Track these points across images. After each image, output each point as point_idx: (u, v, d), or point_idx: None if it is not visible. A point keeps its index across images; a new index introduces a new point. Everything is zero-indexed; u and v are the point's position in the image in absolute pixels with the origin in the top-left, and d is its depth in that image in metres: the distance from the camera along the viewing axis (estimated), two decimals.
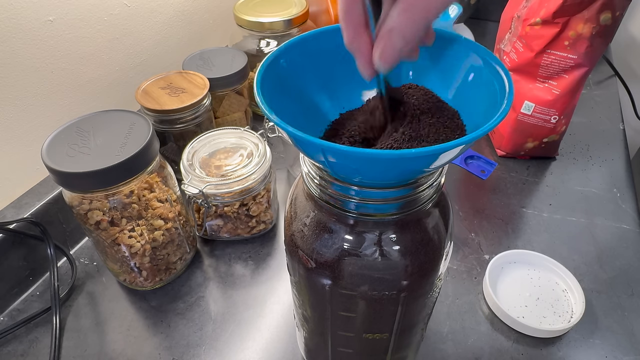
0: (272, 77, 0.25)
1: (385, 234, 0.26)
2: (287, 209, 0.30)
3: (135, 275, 0.46)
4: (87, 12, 0.53)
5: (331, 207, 0.26)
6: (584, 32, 0.52)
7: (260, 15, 0.66)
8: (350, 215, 0.25)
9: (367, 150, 0.19)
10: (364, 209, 0.25)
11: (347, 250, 0.27)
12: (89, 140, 0.39)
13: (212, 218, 0.50)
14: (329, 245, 0.27)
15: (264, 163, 0.48)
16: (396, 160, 0.19)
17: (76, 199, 0.40)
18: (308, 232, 0.28)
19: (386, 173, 0.22)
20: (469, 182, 0.61)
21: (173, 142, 0.57)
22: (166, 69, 0.68)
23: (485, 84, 0.24)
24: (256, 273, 0.50)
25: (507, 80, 0.23)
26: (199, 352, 0.43)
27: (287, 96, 0.26)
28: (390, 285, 0.27)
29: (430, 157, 0.20)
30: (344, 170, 0.23)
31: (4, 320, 0.46)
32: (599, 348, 0.42)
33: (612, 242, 0.52)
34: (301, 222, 0.28)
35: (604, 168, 0.62)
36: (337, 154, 0.20)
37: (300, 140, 0.20)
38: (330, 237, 0.27)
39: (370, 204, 0.24)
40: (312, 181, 0.26)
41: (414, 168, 0.22)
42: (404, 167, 0.21)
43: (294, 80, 0.27)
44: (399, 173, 0.22)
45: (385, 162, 0.20)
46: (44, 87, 0.51)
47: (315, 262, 0.28)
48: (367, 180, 0.23)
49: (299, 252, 0.28)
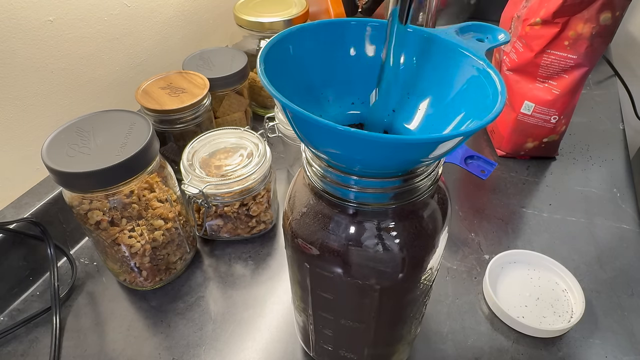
0: (276, 58, 0.25)
1: (368, 223, 0.27)
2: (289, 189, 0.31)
3: (135, 275, 0.46)
4: (87, 12, 0.53)
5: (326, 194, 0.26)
6: (584, 32, 0.52)
7: (260, 15, 0.66)
8: (337, 200, 0.26)
9: (369, 133, 0.19)
10: (357, 197, 0.25)
11: (326, 229, 0.27)
12: (89, 140, 0.39)
13: (212, 218, 0.50)
14: (309, 221, 0.28)
15: (264, 163, 0.48)
16: (395, 146, 0.20)
17: (76, 199, 0.40)
18: (298, 205, 0.29)
19: (384, 160, 0.22)
20: (469, 182, 0.61)
21: (173, 142, 0.57)
22: (166, 69, 0.68)
23: (480, 86, 0.25)
24: (256, 273, 0.50)
25: (498, 79, 0.24)
26: (199, 352, 0.43)
27: (288, 81, 0.26)
28: (364, 274, 0.28)
29: (429, 145, 0.20)
30: (343, 152, 0.23)
31: (4, 320, 0.46)
32: (599, 348, 0.42)
33: (612, 242, 0.52)
34: (295, 198, 0.29)
35: (604, 168, 0.62)
36: (340, 136, 0.20)
37: (303, 119, 0.20)
38: (312, 215, 0.28)
39: (364, 193, 0.25)
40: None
41: (412, 156, 0.22)
42: (402, 154, 0.21)
43: (297, 67, 0.27)
44: (396, 160, 0.23)
45: (384, 146, 0.20)
46: (44, 87, 0.51)
47: (295, 236, 0.28)
48: (363, 167, 0.24)
49: (287, 224, 0.29)
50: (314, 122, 0.20)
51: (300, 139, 0.24)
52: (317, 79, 0.29)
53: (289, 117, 0.22)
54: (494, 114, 0.21)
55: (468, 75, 0.26)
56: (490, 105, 0.23)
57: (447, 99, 0.27)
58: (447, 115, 0.27)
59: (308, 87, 0.28)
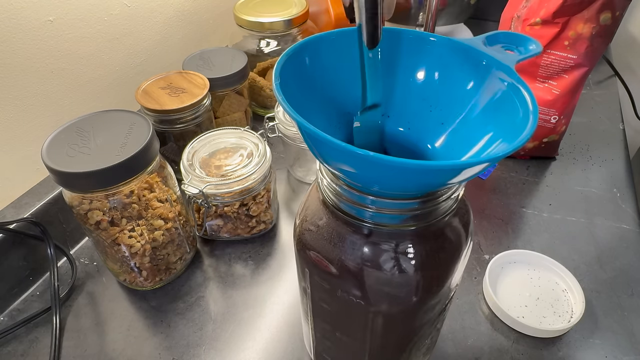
0: (292, 71, 0.24)
1: (384, 244, 0.25)
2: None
3: (135, 275, 0.46)
4: (87, 12, 0.53)
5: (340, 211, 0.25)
6: (584, 32, 0.52)
7: (260, 15, 0.66)
8: (352, 220, 0.25)
9: (393, 159, 0.18)
10: (373, 217, 0.24)
11: (338, 246, 0.26)
12: (89, 140, 0.39)
13: (212, 218, 0.50)
14: (322, 235, 0.27)
15: (264, 163, 0.48)
16: (419, 171, 0.19)
17: (76, 199, 0.40)
18: (311, 216, 0.28)
19: (405, 182, 0.21)
20: (469, 182, 0.61)
21: (173, 142, 0.57)
22: (166, 69, 0.68)
23: (510, 103, 0.23)
24: (256, 273, 0.50)
25: (529, 97, 0.22)
26: (199, 352, 0.43)
27: (305, 96, 0.25)
28: (351, 293, 0.27)
29: (453, 171, 0.19)
30: (361, 173, 0.22)
31: (4, 320, 0.46)
32: (599, 348, 0.42)
33: (612, 242, 0.52)
34: (308, 209, 0.29)
35: (604, 168, 0.62)
36: (359, 159, 0.19)
37: (321, 142, 0.19)
38: (317, 224, 0.27)
39: (381, 213, 0.24)
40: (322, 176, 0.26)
41: (436, 181, 0.21)
42: (425, 178, 0.20)
43: (314, 79, 0.26)
44: (418, 184, 0.21)
45: (406, 171, 0.19)
46: (44, 87, 0.51)
47: (299, 240, 0.28)
48: (381, 188, 0.23)
49: (295, 226, 0.29)
50: (335, 146, 0.19)
51: (316, 158, 0.23)
52: (337, 89, 0.27)
53: (305, 136, 0.21)
54: (524, 137, 0.20)
55: (496, 91, 0.24)
56: (520, 125, 0.21)
57: (473, 115, 0.26)
58: (473, 133, 0.25)
59: (324, 98, 0.27)
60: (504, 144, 0.22)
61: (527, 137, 0.20)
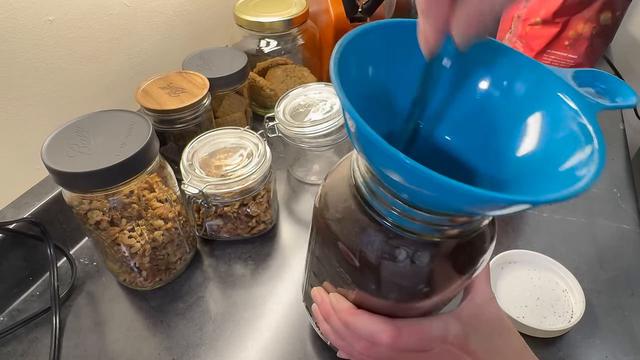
0: (349, 60, 0.22)
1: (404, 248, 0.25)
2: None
3: (135, 275, 0.46)
4: (87, 12, 0.53)
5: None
6: (584, 32, 0.52)
7: (260, 15, 0.65)
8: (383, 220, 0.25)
9: (456, 183, 0.17)
10: (399, 221, 0.24)
11: (361, 240, 0.26)
12: (89, 140, 0.39)
13: (212, 218, 0.50)
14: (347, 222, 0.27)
15: (264, 163, 0.48)
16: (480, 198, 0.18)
17: (76, 199, 0.40)
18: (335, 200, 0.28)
19: (455, 204, 0.20)
20: None
21: (173, 142, 0.57)
22: (166, 69, 0.68)
23: (577, 147, 0.22)
24: (256, 273, 0.50)
25: (599, 156, 0.21)
26: (199, 352, 0.43)
27: (356, 86, 0.23)
28: (390, 290, 0.27)
29: (523, 204, 0.19)
30: (415, 192, 0.21)
31: (4, 320, 0.46)
32: (599, 348, 0.42)
33: (612, 242, 0.52)
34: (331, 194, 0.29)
35: (604, 168, 0.62)
36: (414, 174, 0.18)
37: (380, 150, 0.18)
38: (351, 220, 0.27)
39: (413, 222, 0.24)
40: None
41: (495, 208, 0.20)
42: (489, 205, 0.19)
43: (367, 68, 0.25)
44: (478, 208, 0.21)
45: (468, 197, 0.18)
46: (44, 87, 0.51)
47: (323, 219, 0.29)
48: (426, 204, 0.22)
49: (317, 209, 0.29)
50: (400, 161, 0.18)
51: (366, 161, 0.22)
52: (385, 85, 0.26)
53: (361, 137, 0.20)
54: (575, 190, 0.19)
55: (567, 131, 0.23)
56: (575, 177, 0.20)
57: (539, 149, 0.24)
58: (525, 164, 0.24)
59: (377, 94, 0.26)
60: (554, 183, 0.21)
61: (577, 191, 0.19)
